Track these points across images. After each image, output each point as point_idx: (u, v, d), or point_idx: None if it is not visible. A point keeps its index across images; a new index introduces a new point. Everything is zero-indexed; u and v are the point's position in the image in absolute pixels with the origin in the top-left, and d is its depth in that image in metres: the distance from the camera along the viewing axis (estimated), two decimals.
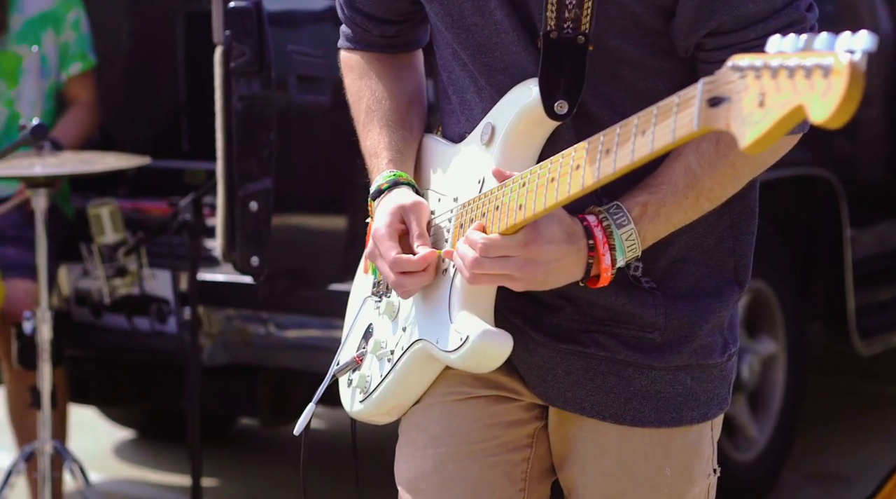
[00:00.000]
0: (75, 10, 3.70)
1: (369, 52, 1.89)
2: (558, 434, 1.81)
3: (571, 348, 1.75)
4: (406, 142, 1.83)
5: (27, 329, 3.19)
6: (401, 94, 1.86)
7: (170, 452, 4.51)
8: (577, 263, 1.64)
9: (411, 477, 1.80)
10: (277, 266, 2.78)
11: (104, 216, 3.38)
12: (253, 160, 2.72)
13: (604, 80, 1.67)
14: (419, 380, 1.78)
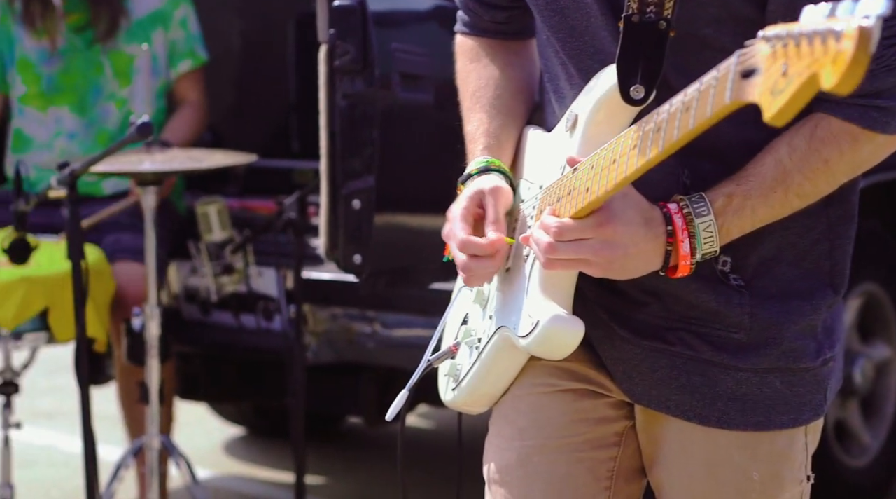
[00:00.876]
0: (183, 7, 3.75)
1: (482, 38, 1.89)
2: (646, 434, 1.78)
3: (656, 346, 1.72)
4: (506, 129, 1.82)
5: (136, 326, 3.23)
6: (508, 82, 1.85)
7: (278, 449, 4.54)
8: (656, 249, 1.61)
9: (497, 468, 1.79)
10: (380, 264, 2.78)
11: (212, 214, 3.41)
12: (356, 158, 2.72)
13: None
14: (504, 368, 1.77)
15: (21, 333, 3.22)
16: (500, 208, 1.71)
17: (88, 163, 2.90)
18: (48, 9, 3.66)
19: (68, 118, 3.69)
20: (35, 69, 3.69)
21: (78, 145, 3.69)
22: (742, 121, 1.57)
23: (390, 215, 2.81)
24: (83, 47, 3.67)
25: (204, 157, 3.27)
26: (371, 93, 2.69)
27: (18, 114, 3.73)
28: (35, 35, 3.68)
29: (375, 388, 3.59)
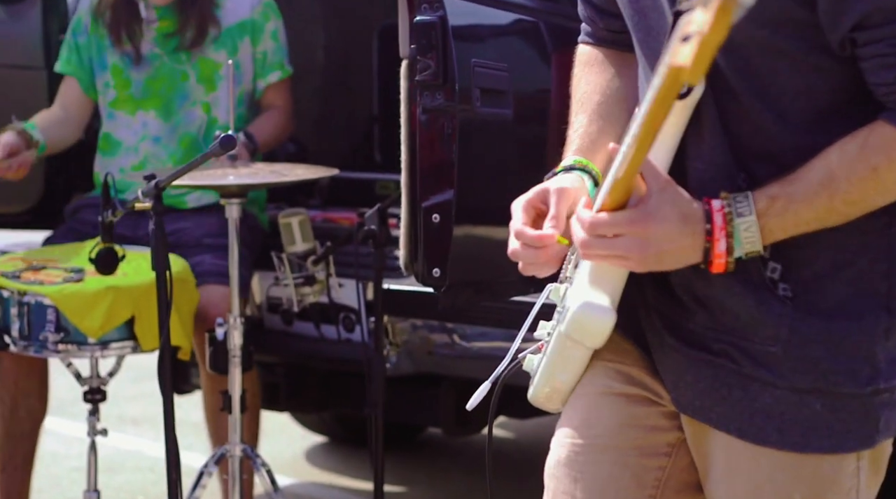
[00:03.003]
0: (273, 20, 3.80)
1: (598, 47, 1.93)
2: (696, 449, 1.78)
3: (702, 356, 1.72)
4: (603, 133, 1.84)
5: (219, 335, 3.28)
6: (614, 89, 1.88)
7: (359, 457, 4.59)
8: (693, 246, 1.62)
9: (551, 463, 1.83)
10: (459, 278, 2.80)
11: (294, 226, 3.45)
12: (436, 172, 2.75)
13: (758, 74, 1.64)
14: (565, 364, 1.79)
15: (107, 342, 3.28)
16: (560, 206, 1.74)
17: (174, 176, 2.95)
18: (136, 16, 3.72)
19: (154, 122, 3.76)
20: (124, 74, 3.76)
21: (162, 149, 3.75)
22: (798, 125, 1.57)
23: (469, 229, 2.82)
24: (171, 54, 3.74)
25: (287, 170, 3.31)
26: (451, 107, 2.71)
27: (108, 118, 3.80)
28: (122, 43, 3.75)
29: (454, 399, 3.61)
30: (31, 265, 3.40)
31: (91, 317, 3.23)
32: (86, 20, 3.80)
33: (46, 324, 3.23)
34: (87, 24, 3.80)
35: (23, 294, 3.25)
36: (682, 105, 1.65)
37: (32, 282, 3.29)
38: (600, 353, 1.79)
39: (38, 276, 3.33)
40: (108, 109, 3.79)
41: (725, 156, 1.66)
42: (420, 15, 2.72)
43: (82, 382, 3.41)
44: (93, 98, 3.82)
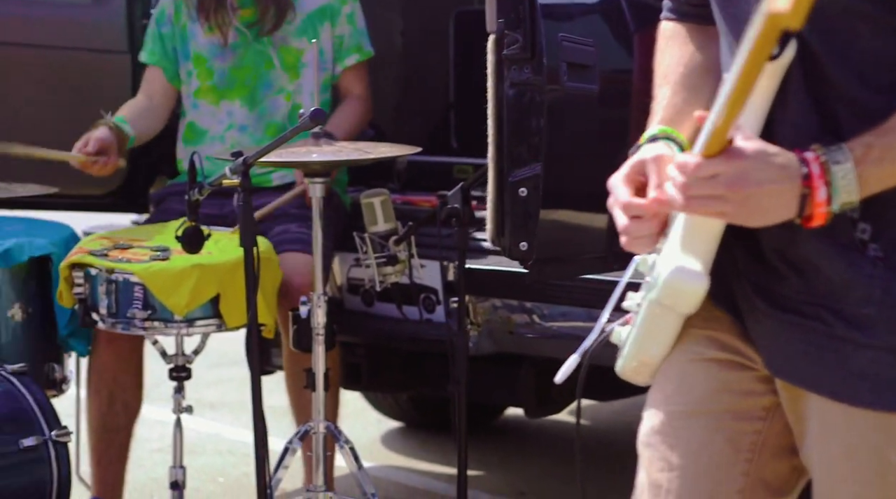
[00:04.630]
0: (350, 3, 3.83)
1: (682, 22, 1.93)
2: (791, 413, 1.78)
3: (793, 319, 1.72)
4: (688, 104, 1.84)
5: (303, 313, 3.31)
6: (698, 62, 1.88)
7: (436, 442, 4.61)
8: (791, 190, 1.61)
9: (645, 432, 1.84)
10: (544, 253, 2.81)
11: (376, 206, 3.47)
12: (523, 146, 2.76)
13: (838, 35, 1.64)
14: (656, 333, 1.79)
15: (193, 320, 3.31)
16: (663, 174, 1.73)
17: (261, 152, 2.99)
18: (220, 4, 3.76)
19: (239, 111, 3.80)
20: (208, 64, 3.80)
21: (248, 137, 3.79)
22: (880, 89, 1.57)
23: (556, 204, 2.84)
24: (254, 42, 3.77)
25: (370, 148, 3.33)
26: (538, 82, 2.72)
27: (192, 107, 3.84)
28: (208, 31, 3.79)
29: (535, 379, 3.62)
30: (118, 244, 3.45)
31: (177, 294, 3.27)
32: (169, 10, 3.84)
33: (134, 301, 3.27)
34: (170, 14, 3.84)
35: (111, 272, 3.29)
36: (773, 68, 1.66)
37: (120, 260, 3.33)
38: (691, 321, 1.79)
39: (125, 254, 3.37)
40: (191, 99, 3.84)
41: (811, 119, 1.66)
42: None
43: (167, 360, 3.46)
44: (177, 87, 3.86)
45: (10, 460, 3.15)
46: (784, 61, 1.66)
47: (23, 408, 3.22)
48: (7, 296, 3.48)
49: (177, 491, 3.46)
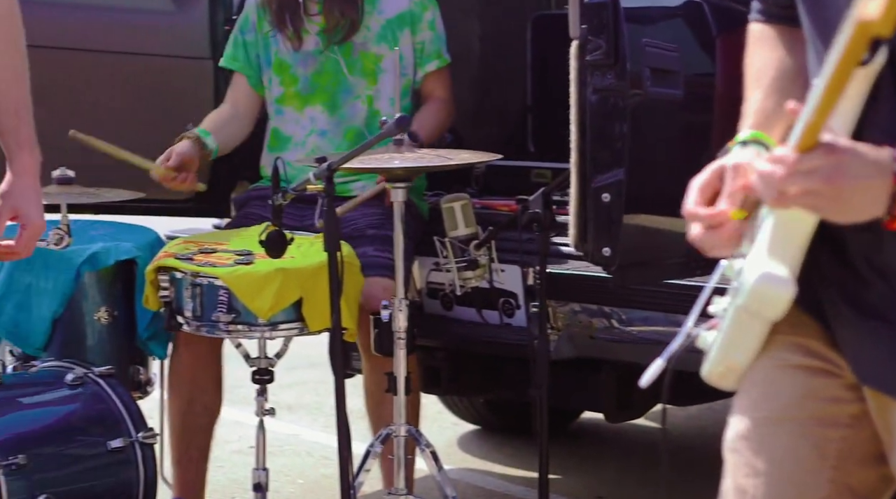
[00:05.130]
0: (431, 9, 3.85)
1: (770, 24, 1.92)
2: (880, 421, 1.77)
3: (878, 326, 1.71)
4: (779, 107, 1.82)
5: (384, 317, 3.33)
6: (788, 66, 1.87)
7: (512, 445, 4.62)
8: (882, 186, 1.60)
9: (731, 437, 1.83)
10: (628, 258, 2.82)
11: (457, 210, 3.49)
12: (606, 152, 2.77)
13: None
14: (742, 339, 1.78)
15: (276, 324, 3.35)
16: (736, 183, 1.72)
17: (346, 158, 3.01)
18: (300, 12, 3.80)
19: (320, 117, 3.83)
20: (291, 70, 3.84)
21: (328, 142, 3.82)
22: None
23: (638, 209, 2.84)
24: (333, 48, 3.81)
25: (451, 154, 3.35)
26: (621, 87, 2.73)
27: (276, 114, 3.88)
28: (288, 38, 3.83)
29: (615, 383, 3.62)
30: (203, 248, 3.49)
31: (261, 298, 3.31)
32: (253, 17, 3.88)
33: (218, 305, 3.31)
34: (254, 22, 3.88)
35: (196, 276, 3.33)
36: (863, 73, 1.65)
37: (205, 264, 3.37)
38: (777, 327, 1.78)
39: (209, 258, 3.41)
40: (275, 105, 3.88)
41: None
42: None
43: (250, 363, 3.49)
44: (261, 94, 3.90)
45: (98, 462, 3.21)
46: (874, 67, 1.66)
47: (110, 410, 3.28)
48: (93, 299, 3.54)
49: (259, 493, 3.49)
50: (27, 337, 3.50)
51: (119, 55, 3.95)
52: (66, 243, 3.30)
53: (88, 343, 3.55)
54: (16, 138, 2.44)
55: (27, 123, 2.47)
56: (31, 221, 2.46)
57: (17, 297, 3.49)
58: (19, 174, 2.45)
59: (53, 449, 3.16)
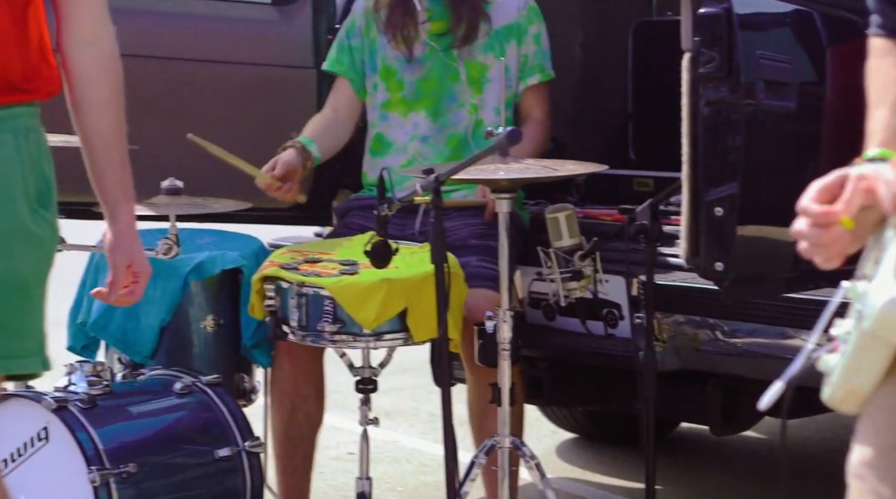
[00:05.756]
0: (537, 23, 3.84)
1: (891, 38, 1.90)
2: None
3: None
4: None
5: (488, 328, 3.32)
6: None
7: (611, 454, 4.60)
8: None
9: (855, 463, 1.81)
10: (741, 272, 2.78)
11: (561, 221, 3.47)
12: (719, 165, 2.74)
13: None
14: (866, 363, 1.75)
15: (381, 334, 3.35)
16: (855, 192, 1.70)
17: (453, 170, 3.01)
18: (411, 17, 3.80)
19: (423, 123, 3.84)
20: (398, 76, 3.85)
21: (430, 148, 3.82)
22: None
23: (751, 223, 2.80)
24: (441, 55, 3.81)
25: (557, 165, 3.34)
26: (735, 100, 2.70)
27: (381, 119, 3.89)
28: (396, 43, 3.83)
29: (721, 396, 3.59)
30: (308, 257, 3.51)
31: (366, 308, 3.31)
32: (360, 22, 3.90)
33: (323, 315, 3.32)
34: (360, 27, 3.89)
35: (301, 285, 3.35)
36: None
37: (310, 273, 3.39)
38: None
39: (314, 267, 3.43)
40: (379, 111, 3.88)
41: None
42: (705, 7, 2.71)
43: (354, 372, 3.50)
44: (362, 99, 3.91)
45: (205, 470, 3.24)
46: None
47: (217, 419, 3.30)
48: (200, 307, 3.57)
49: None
50: (135, 345, 3.54)
51: (224, 65, 3.98)
52: (174, 253, 3.34)
53: (194, 351, 3.58)
54: (122, 189, 2.48)
55: (130, 174, 2.50)
56: (144, 268, 2.52)
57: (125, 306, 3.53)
58: (129, 226, 2.49)
59: (162, 458, 3.19)
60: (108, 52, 2.45)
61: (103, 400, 3.22)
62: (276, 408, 3.64)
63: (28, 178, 2.36)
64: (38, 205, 2.38)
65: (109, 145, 2.45)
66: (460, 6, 3.77)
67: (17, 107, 2.37)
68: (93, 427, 3.12)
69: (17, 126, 2.37)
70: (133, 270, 2.50)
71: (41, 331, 2.43)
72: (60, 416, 3.11)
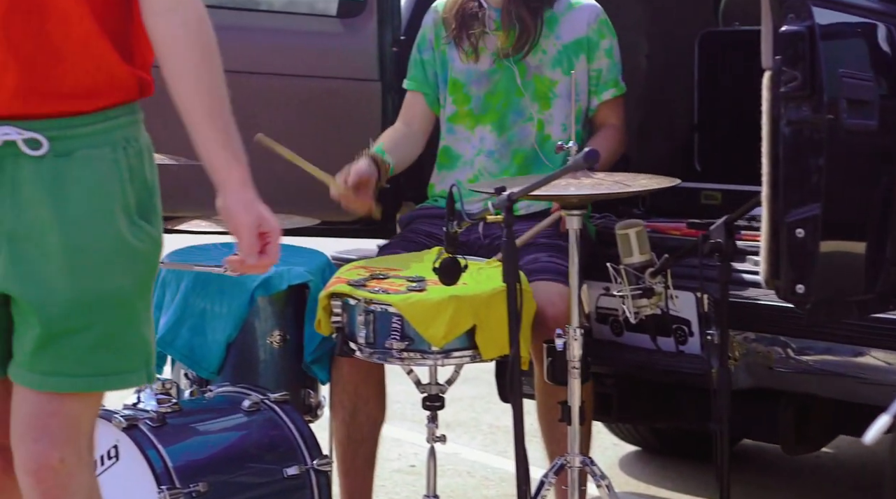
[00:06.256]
0: (609, 37, 3.79)
1: None
2: None
3: None
4: None
5: (558, 346, 3.29)
6: None
7: (674, 468, 4.55)
8: None
9: None
10: (822, 294, 2.73)
11: (632, 237, 3.42)
12: (800, 185, 2.69)
13: None
14: None
15: (449, 351, 3.32)
16: None
17: (528, 188, 2.98)
18: (479, 30, 3.77)
19: (489, 137, 3.80)
20: (465, 89, 3.82)
21: (495, 163, 3.79)
22: None
23: (834, 244, 2.75)
24: (507, 68, 3.77)
25: (630, 181, 3.29)
26: (818, 120, 2.65)
27: (448, 132, 3.86)
28: (465, 56, 3.80)
29: (793, 415, 3.54)
30: (375, 274, 3.48)
31: (435, 326, 3.28)
32: (430, 35, 3.87)
33: (391, 332, 3.30)
34: (431, 39, 3.86)
35: (369, 302, 3.32)
36: None
37: (378, 290, 3.36)
38: None
39: (381, 284, 3.40)
40: (447, 124, 3.86)
41: None
42: (787, 24, 2.66)
43: (421, 389, 3.47)
44: (436, 112, 3.89)
45: (274, 489, 3.22)
46: None
47: (286, 437, 3.29)
48: (266, 323, 3.56)
49: None
50: (202, 361, 3.53)
51: (289, 78, 3.97)
52: None
53: (261, 367, 3.57)
54: (232, 153, 2.35)
55: (236, 137, 2.38)
56: (272, 226, 2.36)
57: (192, 321, 3.52)
58: (245, 186, 2.35)
59: (232, 477, 3.18)
60: (194, 16, 2.32)
61: (172, 418, 3.20)
62: (336, 409, 3.62)
63: (127, 190, 2.34)
64: (138, 216, 2.35)
65: (210, 112, 2.34)
66: (525, 21, 3.72)
67: (113, 116, 2.34)
68: (162, 446, 3.11)
69: (115, 138, 2.34)
70: (261, 230, 2.35)
71: (146, 343, 2.40)
72: (130, 434, 3.10)
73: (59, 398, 2.33)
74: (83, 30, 2.31)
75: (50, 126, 2.32)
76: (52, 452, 2.32)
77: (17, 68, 2.29)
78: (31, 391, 2.34)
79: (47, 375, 2.33)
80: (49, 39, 2.30)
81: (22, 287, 2.32)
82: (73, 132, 2.32)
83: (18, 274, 2.31)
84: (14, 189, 2.32)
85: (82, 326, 2.32)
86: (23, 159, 2.31)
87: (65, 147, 2.32)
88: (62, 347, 2.32)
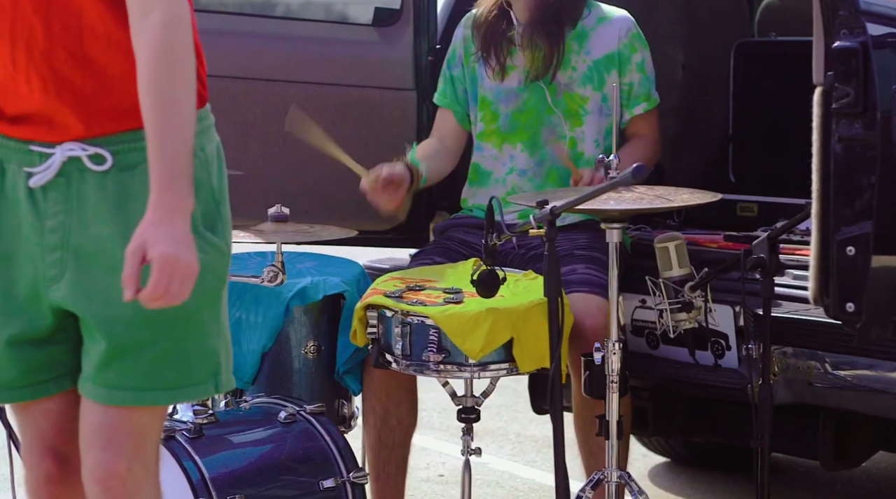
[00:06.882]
0: (640, 51, 3.76)
1: None
2: None
3: None
4: None
5: (596, 360, 3.26)
6: None
7: (704, 480, 4.53)
8: None
9: None
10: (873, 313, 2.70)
11: (671, 251, 3.39)
12: (851, 203, 2.66)
13: None
14: None
15: (486, 364, 3.30)
16: None
17: (570, 203, 2.95)
18: (508, 48, 3.75)
19: (520, 156, 3.78)
20: (493, 107, 3.79)
21: (529, 183, 3.77)
22: None
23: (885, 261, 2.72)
24: (539, 88, 3.74)
25: (671, 195, 3.26)
26: (870, 137, 2.62)
27: (476, 149, 3.84)
28: (493, 74, 3.78)
29: (833, 431, 3.51)
30: (411, 285, 3.45)
31: (472, 338, 3.26)
32: (459, 51, 3.84)
33: (428, 344, 3.27)
34: (460, 55, 3.84)
35: (406, 314, 3.30)
36: None
37: (414, 302, 3.33)
38: None
39: (418, 296, 3.38)
40: (476, 141, 3.84)
41: None
42: (839, 41, 2.63)
43: (457, 401, 3.45)
44: (467, 128, 3.86)
45: None
46: None
47: (322, 449, 3.26)
48: (301, 333, 3.54)
49: None
50: (237, 371, 3.49)
51: (325, 86, 3.94)
52: (280, 280, 3.30)
53: (295, 377, 3.55)
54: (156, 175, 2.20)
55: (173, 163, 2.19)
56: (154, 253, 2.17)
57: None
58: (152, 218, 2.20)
59: (268, 488, 3.15)
60: (157, 22, 2.19)
61: (209, 429, 3.18)
62: (368, 414, 3.60)
63: None
64: (204, 227, 2.33)
65: (153, 121, 2.20)
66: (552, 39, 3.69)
67: None
68: (199, 456, 3.09)
69: None
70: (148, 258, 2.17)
71: (214, 354, 2.39)
72: (167, 445, 3.08)
73: (126, 411, 2.33)
74: (130, 50, 2.28)
75: (113, 141, 2.31)
76: (120, 461, 2.33)
77: (71, 100, 2.29)
78: (97, 404, 2.34)
79: (113, 389, 2.32)
80: (97, 66, 2.29)
81: (87, 304, 2.31)
82: (135, 146, 2.30)
83: (84, 291, 2.31)
84: (80, 205, 2.31)
85: (147, 342, 2.31)
86: (88, 175, 2.31)
87: (128, 161, 2.31)
88: (127, 361, 2.31)
